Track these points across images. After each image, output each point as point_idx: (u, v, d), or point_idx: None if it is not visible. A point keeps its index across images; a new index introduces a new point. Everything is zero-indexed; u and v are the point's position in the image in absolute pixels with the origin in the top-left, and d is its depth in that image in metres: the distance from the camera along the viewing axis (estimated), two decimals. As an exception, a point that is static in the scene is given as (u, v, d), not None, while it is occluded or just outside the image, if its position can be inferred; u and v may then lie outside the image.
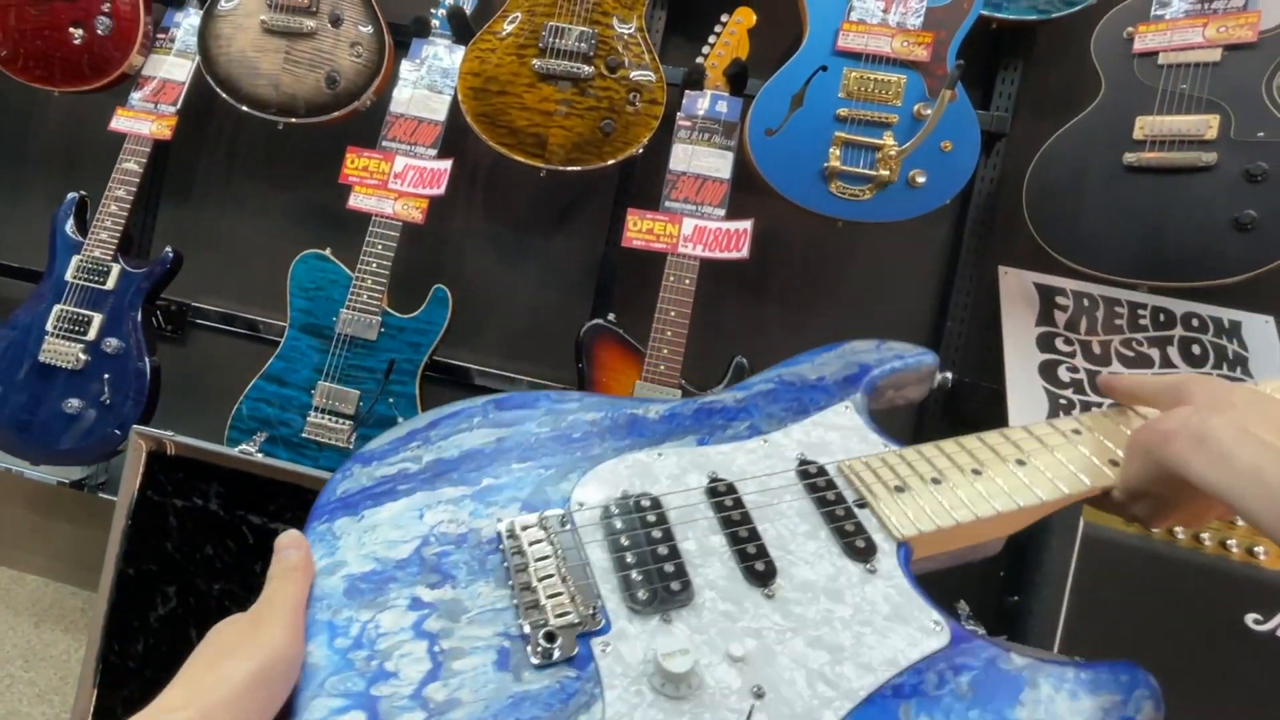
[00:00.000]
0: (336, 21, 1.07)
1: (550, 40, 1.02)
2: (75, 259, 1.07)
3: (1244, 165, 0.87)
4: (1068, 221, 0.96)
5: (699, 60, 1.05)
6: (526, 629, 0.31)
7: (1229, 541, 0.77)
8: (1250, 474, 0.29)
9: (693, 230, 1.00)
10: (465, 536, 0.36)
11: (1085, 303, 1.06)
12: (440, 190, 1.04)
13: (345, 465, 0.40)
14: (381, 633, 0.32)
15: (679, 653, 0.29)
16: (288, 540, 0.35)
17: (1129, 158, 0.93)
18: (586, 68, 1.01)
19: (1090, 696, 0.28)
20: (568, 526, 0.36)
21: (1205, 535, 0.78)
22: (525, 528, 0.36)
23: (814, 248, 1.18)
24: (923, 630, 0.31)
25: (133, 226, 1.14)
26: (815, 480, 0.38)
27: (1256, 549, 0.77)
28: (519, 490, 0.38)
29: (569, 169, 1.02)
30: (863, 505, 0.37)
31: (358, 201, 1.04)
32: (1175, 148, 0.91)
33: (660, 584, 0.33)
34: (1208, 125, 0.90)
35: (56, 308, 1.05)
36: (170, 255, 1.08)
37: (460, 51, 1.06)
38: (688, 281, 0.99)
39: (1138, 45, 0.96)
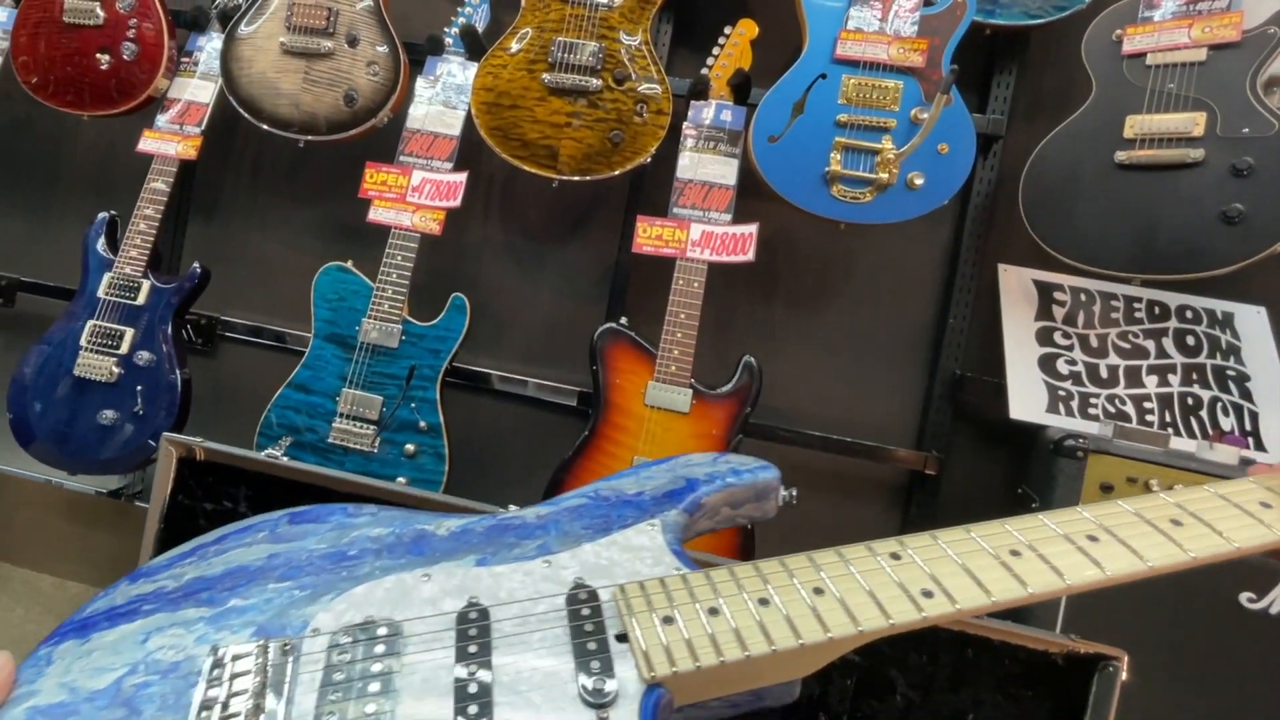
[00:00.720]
0: (353, 42, 1.11)
1: (559, 55, 1.05)
2: (107, 276, 1.10)
3: (1230, 161, 0.90)
4: (1063, 219, 0.98)
5: (703, 71, 1.08)
6: None
7: None
8: None
9: (700, 235, 1.03)
10: (177, 665, 0.34)
11: (1082, 297, 1.09)
12: (456, 202, 1.07)
13: (116, 583, 0.39)
14: None
15: None
16: None
17: (1120, 156, 0.95)
18: (595, 81, 1.04)
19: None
20: (289, 656, 0.33)
21: None
22: (238, 657, 0.33)
23: (818, 250, 1.21)
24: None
25: (162, 244, 1.17)
26: (581, 608, 0.34)
27: None
28: (261, 613, 0.36)
29: (580, 179, 1.05)
30: (623, 639, 0.33)
31: (377, 215, 1.07)
32: (1164, 145, 0.93)
33: None
34: (1195, 123, 0.92)
35: (90, 323, 1.08)
36: (198, 271, 1.11)
37: (473, 68, 1.09)
38: (696, 285, 1.01)
39: (1126, 47, 0.98)
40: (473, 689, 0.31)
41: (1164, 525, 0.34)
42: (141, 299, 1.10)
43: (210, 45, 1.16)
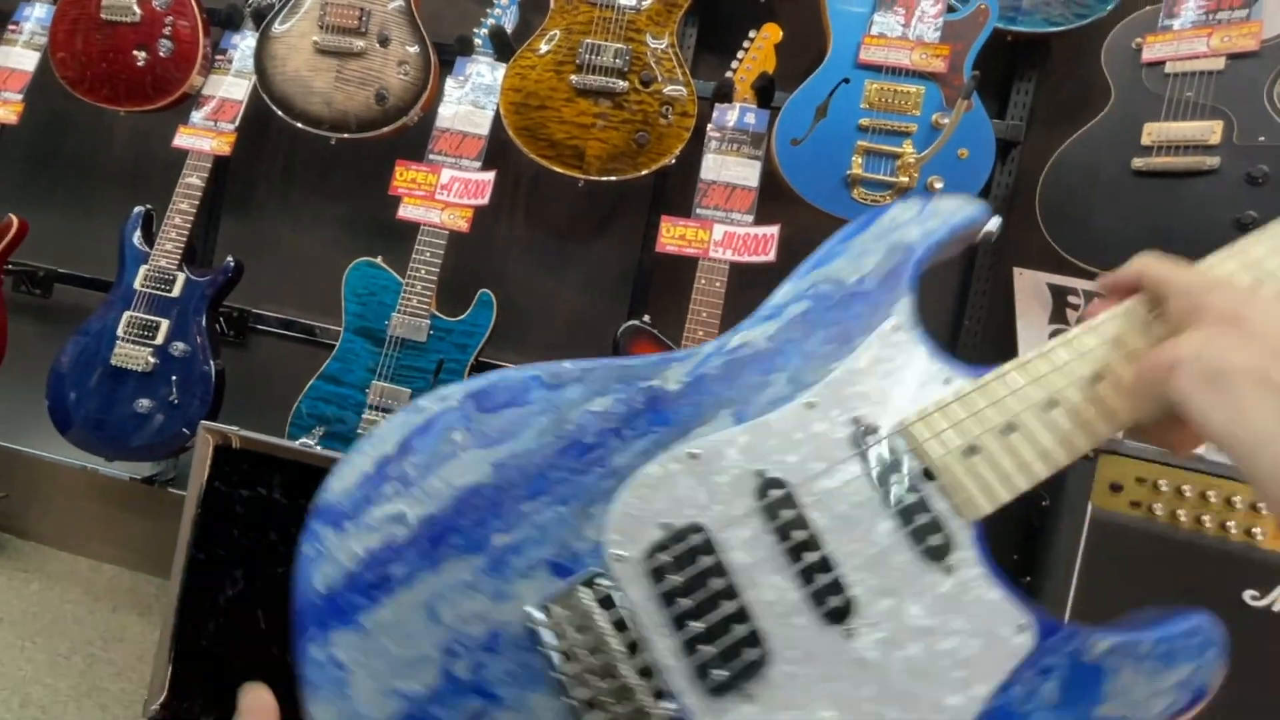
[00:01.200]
0: (385, 42, 1.12)
1: (587, 57, 1.06)
2: (143, 269, 1.12)
3: (1246, 169, 0.90)
4: (1079, 224, 0.99)
5: (728, 74, 1.09)
6: None
7: (1228, 523, 0.83)
8: (1264, 437, 0.25)
9: (723, 236, 1.05)
10: (497, 636, 0.29)
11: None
12: (484, 200, 1.09)
13: (311, 530, 0.31)
14: None
15: None
16: (248, 703, 0.26)
17: (1137, 163, 0.96)
18: (622, 83, 1.05)
19: (1169, 670, 0.27)
20: (609, 588, 0.29)
21: (1206, 517, 0.84)
22: (559, 613, 0.29)
23: None
24: (1008, 641, 0.28)
25: (196, 238, 1.19)
26: (873, 456, 0.31)
27: (1254, 530, 0.82)
28: (539, 548, 0.30)
29: (606, 179, 1.06)
30: (930, 476, 0.31)
31: (407, 212, 1.09)
32: (1180, 152, 0.94)
33: (735, 659, 0.28)
34: (1212, 131, 0.93)
35: (126, 314, 1.11)
36: (232, 264, 1.13)
37: (502, 69, 1.10)
38: (718, 284, 1.03)
39: (1146, 55, 0.99)
40: (821, 583, 0.29)
41: None
42: (176, 291, 1.12)
43: (244, 43, 1.17)
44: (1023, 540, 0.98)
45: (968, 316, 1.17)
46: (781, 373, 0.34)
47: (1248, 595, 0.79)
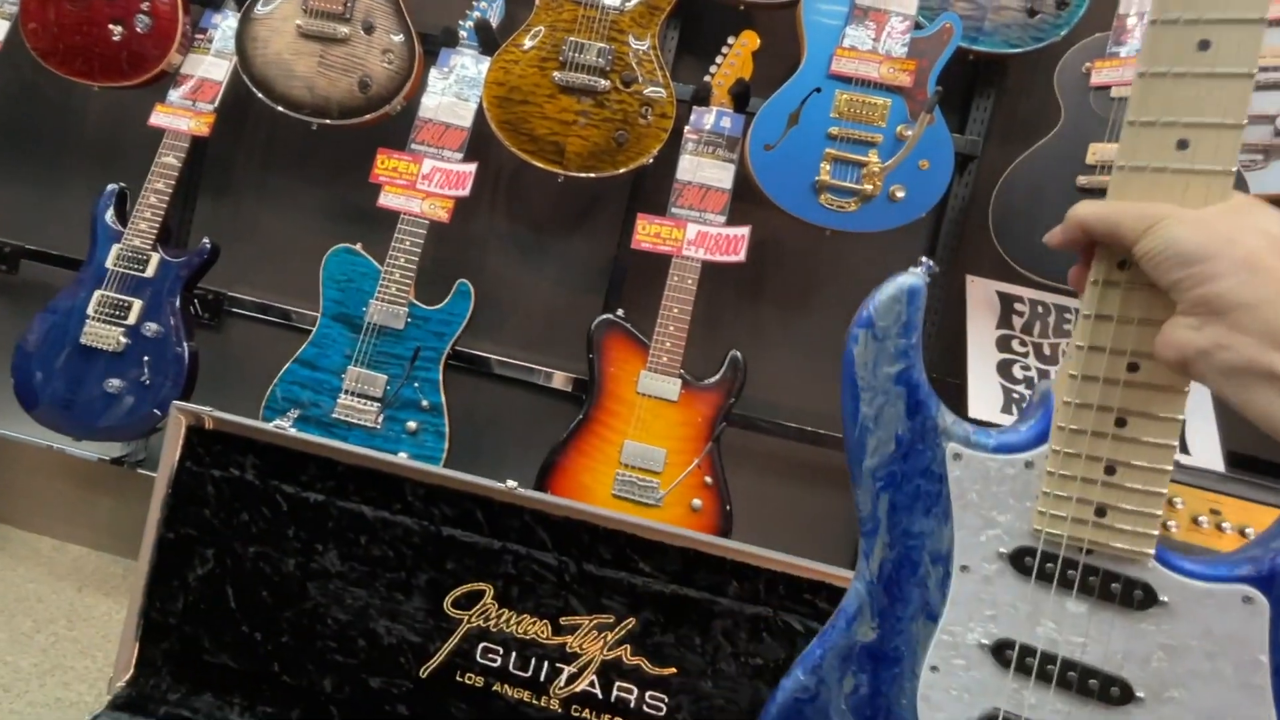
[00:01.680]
0: (369, 29, 1.13)
1: (570, 55, 1.08)
2: (116, 248, 1.10)
3: None
4: (1026, 236, 1.05)
5: (706, 78, 1.12)
6: None
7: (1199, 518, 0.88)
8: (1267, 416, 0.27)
9: (696, 235, 1.08)
10: None
11: (1039, 309, 1.17)
12: (465, 192, 1.10)
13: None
14: None
15: None
16: None
17: (1081, 180, 1.02)
18: (603, 81, 1.08)
19: None
20: None
21: (1172, 524, 0.89)
22: None
23: (804, 254, 1.27)
24: (1244, 616, 0.30)
25: (171, 219, 1.17)
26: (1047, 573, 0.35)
27: (1170, 523, 0.90)
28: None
29: (585, 175, 1.09)
30: (1089, 552, 0.34)
31: (387, 200, 1.10)
32: None
33: None
34: None
35: (97, 293, 1.09)
36: (208, 246, 1.12)
37: (486, 62, 1.11)
38: (690, 282, 1.06)
39: (1094, 79, 1.04)
40: (1093, 685, 0.33)
41: None
42: (150, 271, 1.11)
43: (225, 23, 1.15)
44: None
45: (924, 320, 1.23)
46: None
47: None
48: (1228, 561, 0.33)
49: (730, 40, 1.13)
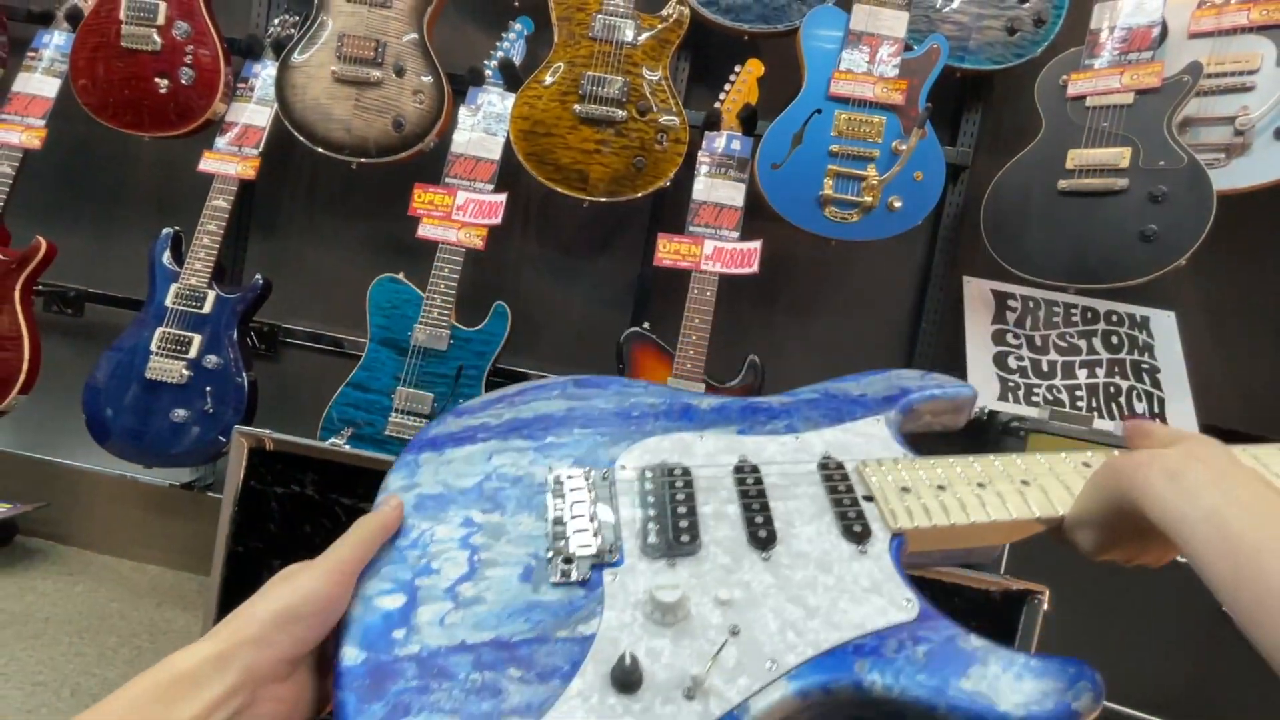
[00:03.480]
0: (400, 72, 1.20)
1: (589, 88, 1.14)
2: (174, 287, 1.16)
3: (1148, 188, 1.03)
4: (1015, 238, 1.11)
5: (716, 105, 1.18)
6: (551, 554, 0.36)
7: None
8: (1208, 515, 0.28)
9: (712, 250, 1.14)
10: (521, 479, 0.41)
11: (1030, 304, 1.25)
12: (497, 220, 1.16)
13: (443, 414, 0.46)
14: (435, 539, 0.37)
15: (671, 587, 0.33)
16: (384, 499, 0.38)
17: (1061, 184, 1.08)
18: (621, 112, 1.13)
19: (1034, 680, 0.29)
20: (607, 481, 0.40)
21: None
22: (570, 477, 0.41)
23: (812, 263, 1.33)
24: (894, 604, 0.33)
25: (224, 258, 1.23)
26: (832, 473, 0.40)
27: None
28: (575, 449, 0.43)
29: (608, 200, 1.15)
30: (869, 499, 0.39)
31: (426, 231, 1.15)
32: (1096, 175, 1.06)
33: (672, 534, 0.37)
34: (1122, 156, 1.06)
35: (159, 330, 1.15)
36: (260, 282, 1.18)
37: (511, 98, 1.16)
38: (709, 294, 1.13)
39: (1070, 90, 1.11)
40: (759, 519, 0.38)
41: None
42: (207, 308, 1.17)
43: (265, 72, 1.20)
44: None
45: (924, 319, 1.31)
46: (783, 421, 0.46)
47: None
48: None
49: (737, 68, 1.19)
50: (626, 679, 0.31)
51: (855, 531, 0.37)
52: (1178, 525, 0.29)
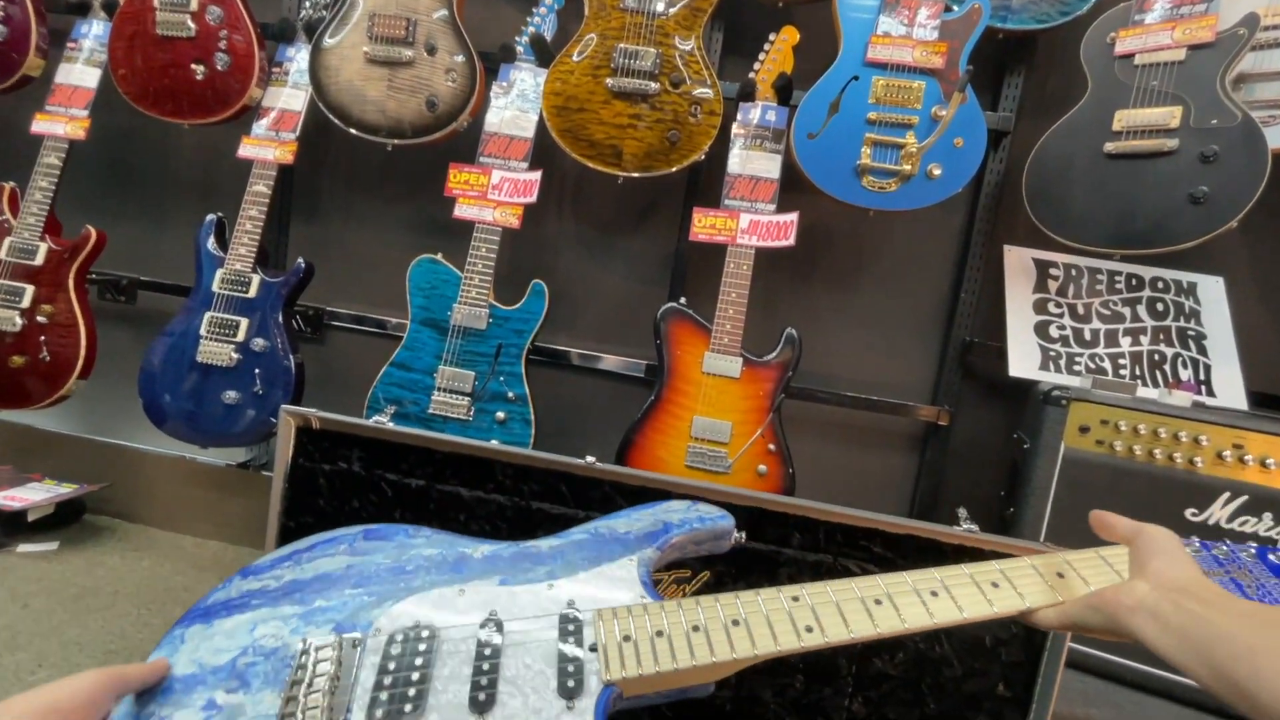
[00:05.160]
0: (432, 51, 1.19)
1: (621, 61, 1.11)
2: (219, 272, 1.17)
3: (1199, 149, 0.99)
4: (1058, 204, 1.08)
5: (750, 75, 1.14)
6: None
7: (1175, 455, 0.94)
8: (1180, 634, 0.39)
9: (748, 224, 1.12)
10: (277, 650, 0.44)
11: (1073, 272, 1.21)
12: (532, 198, 1.14)
13: (231, 578, 0.49)
14: None
15: None
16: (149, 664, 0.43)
17: (1108, 146, 1.04)
18: (654, 85, 1.10)
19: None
20: (357, 649, 0.44)
21: (1157, 451, 0.97)
22: (320, 647, 0.44)
23: (849, 234, 1.30)
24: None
25: (268, 242, 1.22)
26: (568, 625, 0.45)
27: (1195, 459, 0.95)
28: (340, 612, 0.46)
29: (642, 175, 1.13)
30: (594, 649, 0.43)
31: (462, 211, 1.15)
32: (1145, 136, 1.02)
33: (398, 704, 0.41)
34: (1172, 116, 1.01)
35: (207, 315, 1.16)
36: (303, 265, 1.18)
37: (543, 74, 1.14)
38: (745, 267, 1.11)
39: (1118, 49, 1.06)
40: (484, 681, 0.42)
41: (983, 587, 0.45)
42: (252, 292, 1.18)
43: (299, 56, 1.18)
44: (1008, 479, 1.11)
45: (964, 289, 1.28)
46: (544, 568, 0.51)
47: (1189, 513, 0.94)
48: None
49: (771, 37, 1.14)
50: None
51: (569, 687, 0.41)
52: (1165, 653, 0.41)
